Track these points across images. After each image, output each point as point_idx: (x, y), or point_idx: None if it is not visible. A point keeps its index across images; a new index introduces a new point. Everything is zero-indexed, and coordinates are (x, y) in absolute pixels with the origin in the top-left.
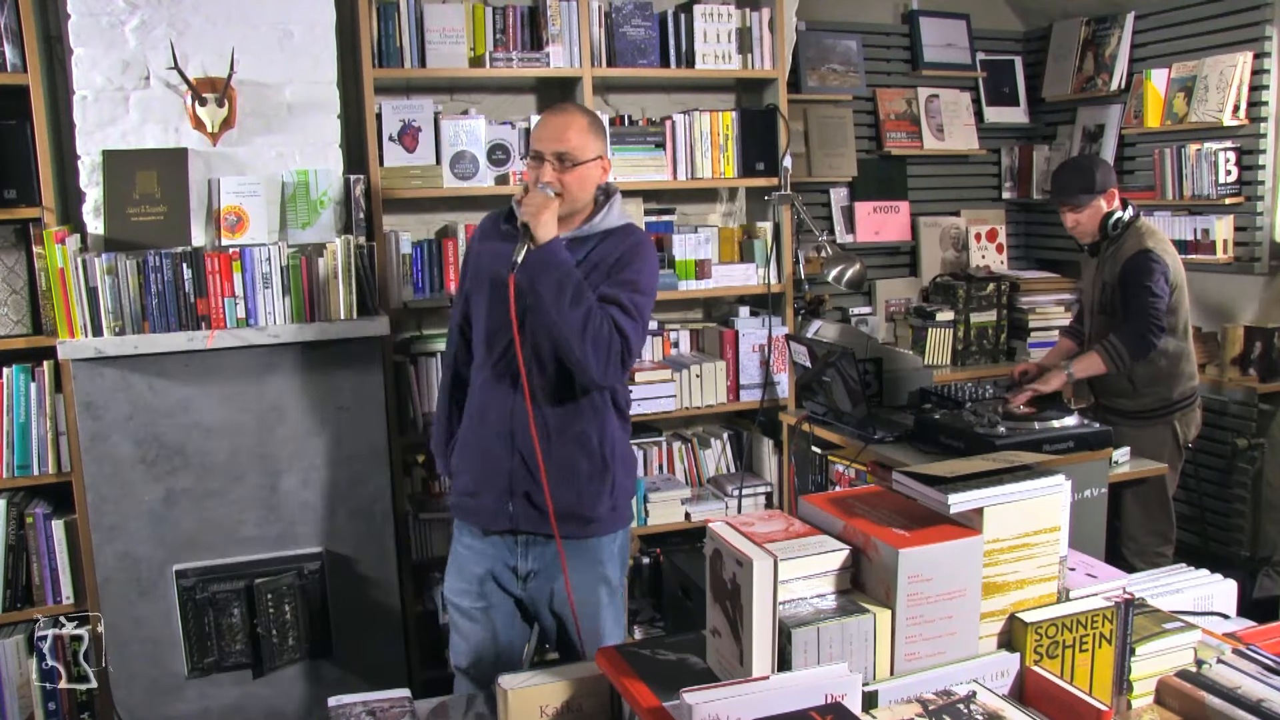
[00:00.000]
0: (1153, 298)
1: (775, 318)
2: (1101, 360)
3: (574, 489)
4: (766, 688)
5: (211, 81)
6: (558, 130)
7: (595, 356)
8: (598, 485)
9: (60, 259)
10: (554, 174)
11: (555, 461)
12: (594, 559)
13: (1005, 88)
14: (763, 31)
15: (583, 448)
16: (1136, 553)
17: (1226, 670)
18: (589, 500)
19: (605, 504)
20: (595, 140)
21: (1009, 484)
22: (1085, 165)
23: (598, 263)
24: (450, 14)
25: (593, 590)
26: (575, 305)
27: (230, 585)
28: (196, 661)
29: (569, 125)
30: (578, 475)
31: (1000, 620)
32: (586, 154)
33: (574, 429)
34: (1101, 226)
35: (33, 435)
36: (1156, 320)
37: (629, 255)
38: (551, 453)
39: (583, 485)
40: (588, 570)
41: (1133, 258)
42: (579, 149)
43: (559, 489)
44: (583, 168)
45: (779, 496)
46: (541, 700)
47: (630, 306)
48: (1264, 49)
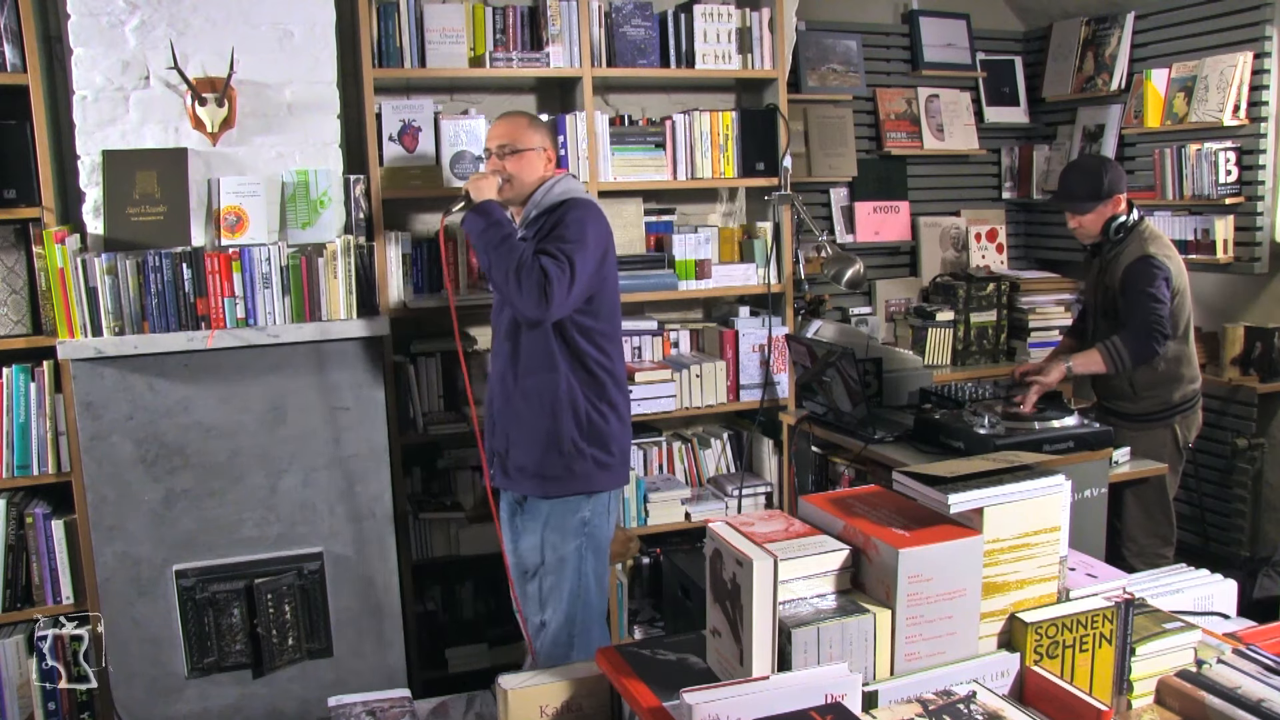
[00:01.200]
0: (1155, 304)
1: (775, 318)
2: (1101, 359)
3: (528, 445)
4: (766, 688)
5: (211, 81)
6: (499, 128)
7: (521, 290)
8: (548, 442)
9: (60, 259)
10: (498, 162)
11: (514, 414)
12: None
13: (1005, 88)
14: (763, 31)
15: (532, 404)
16: (1137, 554)
17: (1226, 670)
18: (541, 457)
19: (556, 463)
20: (535, 133)
21: (1009, 484)
22: (1093, 170)
23: (543, 234)
24: (450, 14)
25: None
26: (502, 246)
27: (230, 585)
28: (196, 661)
29: (508, 123)
30: (532, 430)
31: (1000, 620)
32: (526, 144)
33: (528, 382)
34: (1104, 230)
35: (33, 435)
36: (1159, 327)
37: (561, 218)
38: (511, 406)
39: (538, 441)
40: (535, 531)
41: (1134, 263)
42: (518, 140)
43: (515, 444)
44: (524, 154)
45: (779, 496)
46: (541, 700)
47: (557, 253)
48: (1264, 49)
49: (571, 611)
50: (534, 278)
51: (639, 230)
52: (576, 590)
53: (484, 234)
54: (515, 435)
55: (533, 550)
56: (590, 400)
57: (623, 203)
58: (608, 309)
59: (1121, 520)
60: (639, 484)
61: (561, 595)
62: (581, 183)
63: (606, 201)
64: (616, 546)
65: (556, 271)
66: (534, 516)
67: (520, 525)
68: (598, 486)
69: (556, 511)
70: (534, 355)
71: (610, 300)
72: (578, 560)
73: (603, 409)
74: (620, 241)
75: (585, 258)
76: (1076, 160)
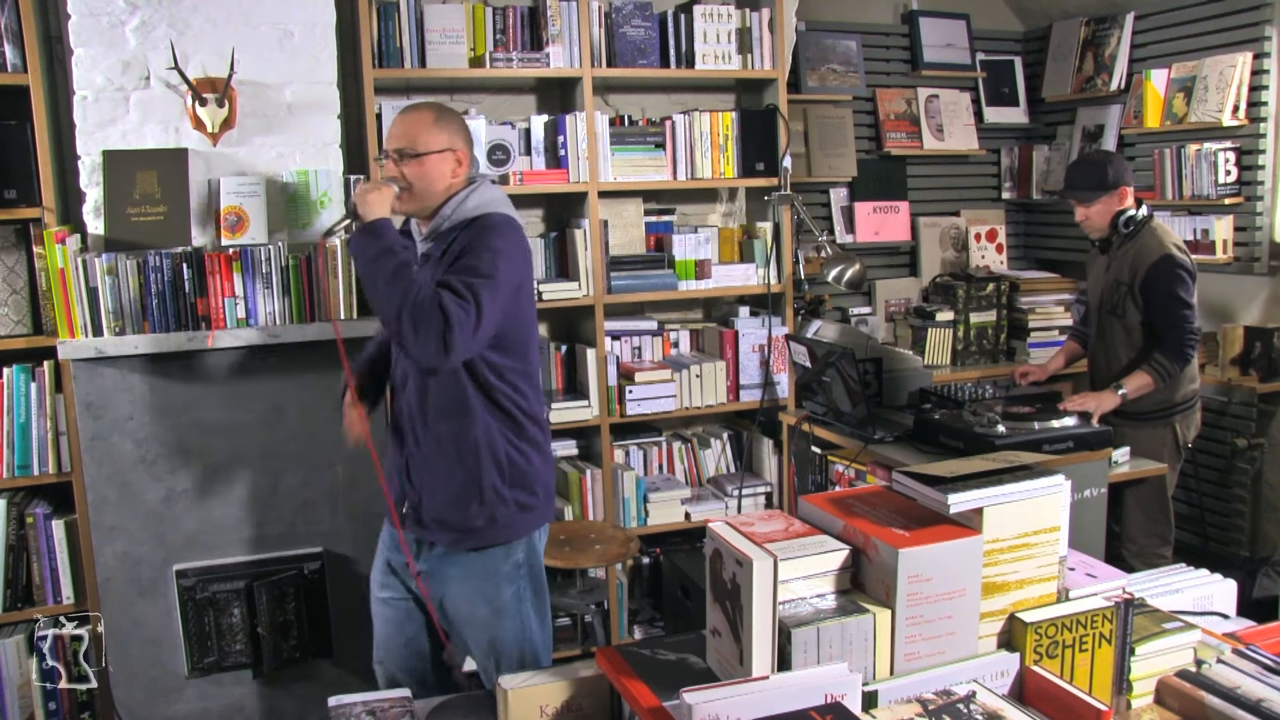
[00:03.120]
0: (1186, 309)
1: (775, 318)
2: (1151, 379)
3: (444, 494)
4: (766, 688)
5: (211, 81)
6: (399, 126)
7: (415, 332)
8: (466, 491)
9: (60, 259)
10: (395, 169)
11: (426, 462)
12: (475, 572)
13: (1005, 88)
14: (762, 32)
15: (447, 452)
16: (1136, 554)
17: (1226, 670)
18: (458, 507)
19: (478, 514)
20: (440, 133)
21: (1009, 484)
22: (1099, 161)
23: (455, 254)
24: (450, 14)
25: (474, 605)
26: (394, 280)
27: (230, 585)
28: (197, 661)
29: (410, 121)
30: (447, 478)
31: (1000, 620)
32: (428, 147)
33: (440, 429)
34: (1112, 223)
35: (33, 435)
36: (1191, 332)
37: (473, 242)
38: (422, 453)
39: (452, 492)
40: (466, 581)
41: (1159, 262)
42: (419, 143)
43: (430, 493)
44: (425, 160)
45: (779, 496)
46: (541, 700)
47: (461, 288)
48: (1264, 49)
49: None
50: (433, 321)
51: (639, 230)
52: (519, 631)
53: (374, 263)
54: (429, 485)
55: (463, 600)
56: (509, 441)
57: (623, 203)
58: (521, 344)
59: (1121, 520)
60: (639, 484)
61: (505, 642)
62: (501, 190)
63: (607, 202)
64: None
65: (460, 314)
66: (459, 565)
67: (444, 573)
68: (524, 531)
69: (486, 562)
70: (444, 399)
71: (524, 336)
72: (517, 605)
73: (523, 448)
74: (620, 241)
75: (495, 294)
76: (1083, 154)
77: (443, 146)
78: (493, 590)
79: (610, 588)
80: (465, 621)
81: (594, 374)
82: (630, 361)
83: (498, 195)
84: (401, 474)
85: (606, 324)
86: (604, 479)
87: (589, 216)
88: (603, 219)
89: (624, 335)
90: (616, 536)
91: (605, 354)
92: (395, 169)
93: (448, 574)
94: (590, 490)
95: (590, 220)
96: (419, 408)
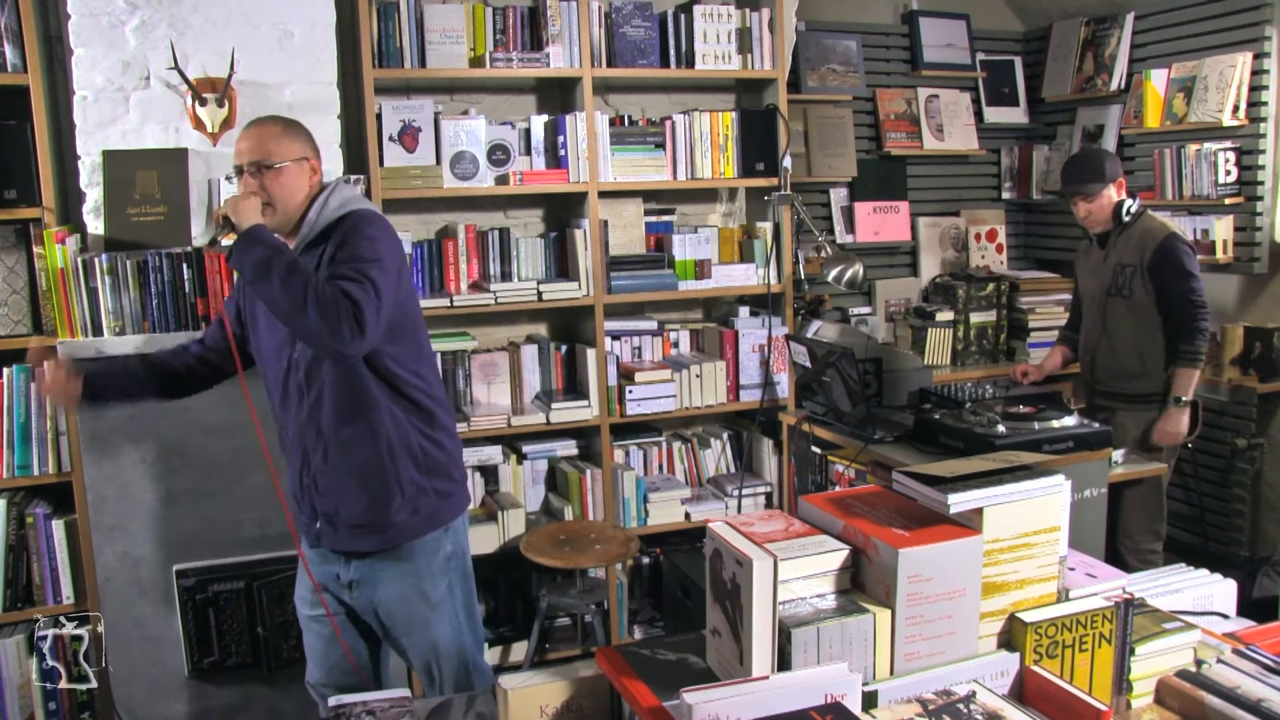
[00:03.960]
0: (1194, 282)
1: (775, 318)
2: (1192, 369)
3: (361, 498)
4: (766, 687)
5: (211, 81)
6: (248, 141)
7: (325, 322)
8: (385, 489)
9: (60, 259)
10: (254, 183)
11: (334, 471)
12: (408, 570)
13: (1005, 88)
14: (762, 32)
15: (358, 451)
16: (1132, 549)
17: (1226, 670)
18: (378, 507)
19: (400, 508)
20: (292, 143)
21: (1009, 484)
22: (1094, 156)
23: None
24: (450, 14)
25: (410, 604)
26: (289, 277)
27: (230, 585)
28: (197, 661)
29: (259, 134)
30: (362, 481)
31: (1000, 620)
32: (283, 156)
33: (346, 433)
34: (1114, 215)
35: (33, 435)
36: (1203, 307)
37: (348, 236)
38: (330, 463)
39: (371, 492)
40: (400, 581)
41: (1164, 242)
42: (272, 154)
43: (345, 501)
44: (282, 171)
45: (779, 496)
46: (541, 700)
47: (354, 274)
48: (1264, 49)
49: (458, 649)
50: (341, 306)
51: (639, 230)
52: (456, 627)
53: (266, 265)
54: (343, 492)
55: (399, 603)
56: (421, 431)
57: (623, 203)
58: (412, 329)
59: (1119, 516)
60: (639, 484)
61: (444, 638)
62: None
63: (607, 201)
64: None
65: (362, 295)
66: (390, 568)
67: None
68: (448, 518)
69: (416, 556)
70: (347, 400)
71: (413, 320)
72: (449, 598)
73: (436, 436)
74: (620, 241)
75: (385, 276)
76: (1074, 153)
77: (297, 156)
78: (429, 585)
79: (610, 588)
80: (404, 625)
81: (594, 374)
82: (630, 361)
83: (353, 192)
84: (309, 491)
85: (606, 324)
86: (604, 479)
87: (589, 216)
88: (603, 219)
89: (624, 335)
90: (616, 536)
91: (605, 354)
92: (254, 183)
93: (380, 579)
94: (590, 490)
95: (590, 220)
96: (317, 418)
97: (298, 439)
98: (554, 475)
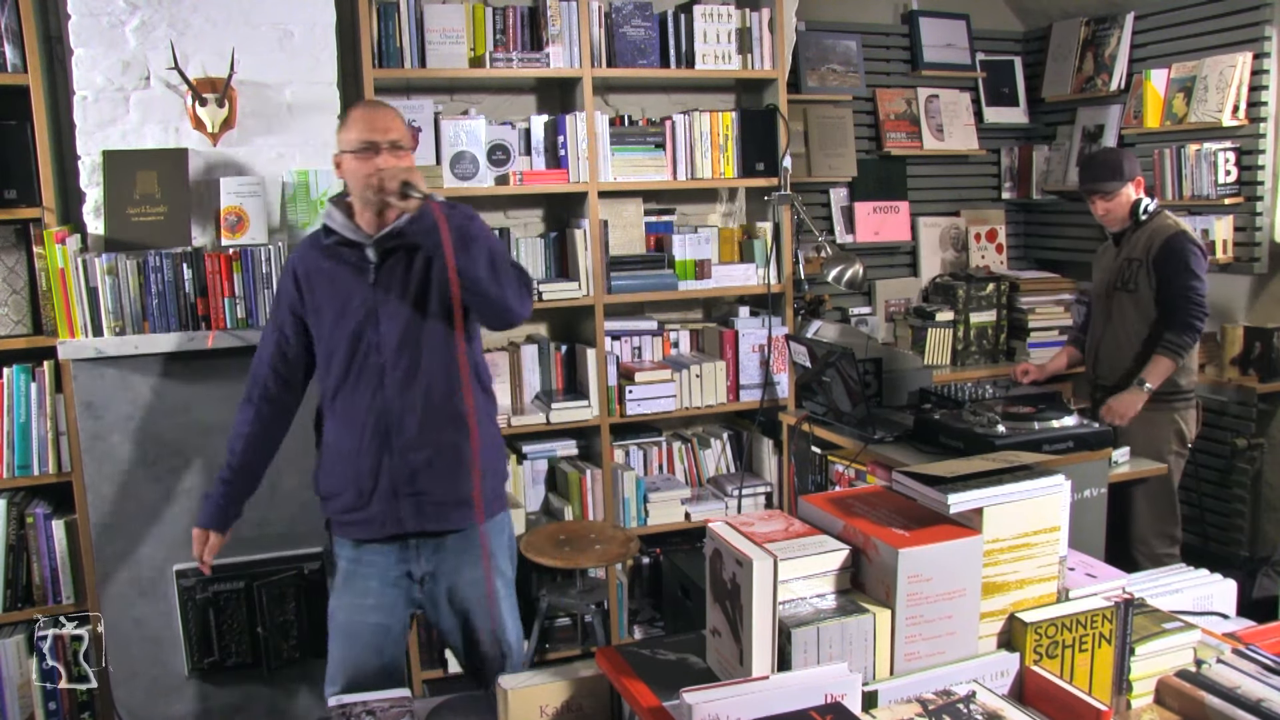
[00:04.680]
0: (1196, 281)
1: (775, 318)
2: (1169, 360)
3: (452, 475)
4: (766, 687)
5: (212, 81)
6: (387, 120)
7: (520, 288)
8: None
9: (60, 259)
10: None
11: (426, 448)
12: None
13: (1005, 88)
14: (762, 32)
15: (450, 430)
16: (1148, 555)
17: (1226, 670)
18: (466, 484)
19: (483, 487)
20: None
21: (1009, 484)
22: (1113, 155)
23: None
24: (450, 14)
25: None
26: (491, 245)
27: (230, 585)
28: (197, 661)
29: (390, 116)
30: (454, 458)
31: (1000, 620)
32: (409, 142)
33: (440, 412)
34: (1132, 213)
35: (33, 435)
36: (1198, 304)
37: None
38: (422, 439)
39: (460, 469)
40: (477, 563)
41: (1172, 238)
42: (403, 137)
43: (435, 478)
44: (408, 155)
45: (779, 496)
46: (541, 700)
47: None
48: (1263, 49)
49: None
50: (523, 276)
51: (639, 230)
52: (514, 603)
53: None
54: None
55: (473, 585)
56: (490, 416)
57: (623, 203)
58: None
59: (1131, 522)
60: (639, 484)
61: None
62: None
63: (607, 201)
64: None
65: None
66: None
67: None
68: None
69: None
70: (441, 380)
71: None
72: (512, 576)
73: (498, 422)
74: (620, 241)
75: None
76: (1094, 151)
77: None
78: (502, 562)
79: (610, 588)
80: (477, 605)
81: (594, 374)
82: (630, 361)
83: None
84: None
85: (606, 324)
86: (604, 479)
87: (589, 216)
88: (603, 219)
89: (624, 335)
90: (616, 536)
91: (605, 354)
92: (391, 160)
93: (458, 562)
94: (590, 490)
95: (590, 220)
96: (407, 397)
97: (376, 421)
98: (554, 475)
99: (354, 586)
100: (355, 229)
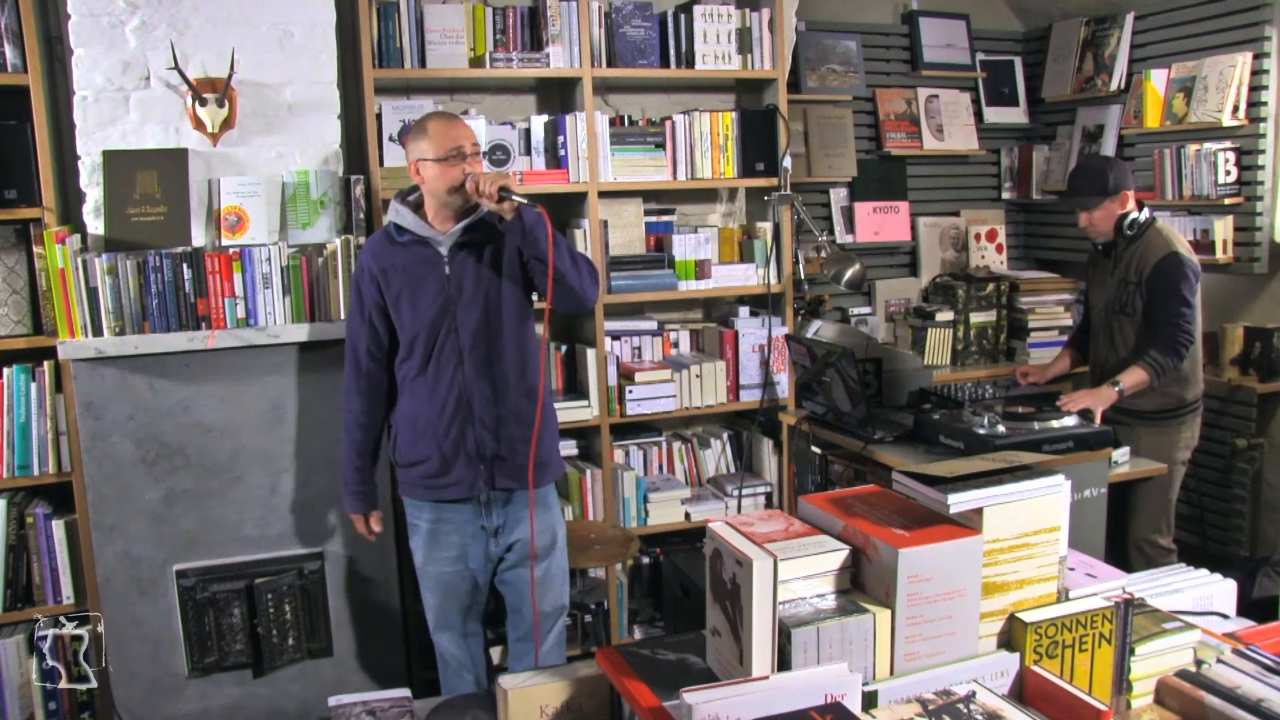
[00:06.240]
0: (1186, 308)
1: (775, 318)
2: (1147, 374)
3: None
4: (766, 687)
5: (212, 82)
6: (465, 130)
7: (590, 278)
8: (543, 434)
9: (60, 259)
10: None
11: (510, 417)
12: (552, 503)
13: (1005, 88)
14: (762, 32)
15: (527, 401)
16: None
17: (1226, 670)
18: (541, 448)
19: (550, 452)
20: None
21: (1009, 484)
22: (1099, 167)
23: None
24: (450, 14)
25: (545, 535)
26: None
27: (230, 585)
28: (197, 661)
29: (467, 126)
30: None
31: (1000, 620)
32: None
33: (519, 386)
34: (1116, 227)
35: (33, 435)
36: (1186, 330)
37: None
38: (506, 408)
39: (542, 434)
40: (540, 517)
41: (1165, 260)
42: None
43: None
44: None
45: (779, 496)
46: (541, 700)
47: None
48: (1263, 49)
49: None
50: (593, 267)
51: (639, 230)
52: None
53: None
54: (516, 435)
55: (542, 534)
56: (548, 389)
57: (623, 203)
58: None
59: (1132, 525)
60: (639, 484)
61: (564, 577)
62: None
63: (607, 202)
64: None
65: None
66: (540, 501)
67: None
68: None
69: (549, 498)
70: (518, 359)
71: None
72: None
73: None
74: (620, 242)
75: None
76: (1083, 160)
77: None
78: (557, 524)
79: (610, 588)
80: (541, 556)
81: (594, 374)
82: (630, 361)
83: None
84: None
85: (606, 324)
86: (604, 479)
87: (589, 216)
88: (603, 219)
89: (624, 335)
90: (616, 536)
91: (605, 354)
92: (476, 165)
93: (524, 516)
94: (590, 490)
95: (590, 220)
96: (491, 374)
97: (458, 397)
98: None
99: (439, 542)
100: (427, 226)
